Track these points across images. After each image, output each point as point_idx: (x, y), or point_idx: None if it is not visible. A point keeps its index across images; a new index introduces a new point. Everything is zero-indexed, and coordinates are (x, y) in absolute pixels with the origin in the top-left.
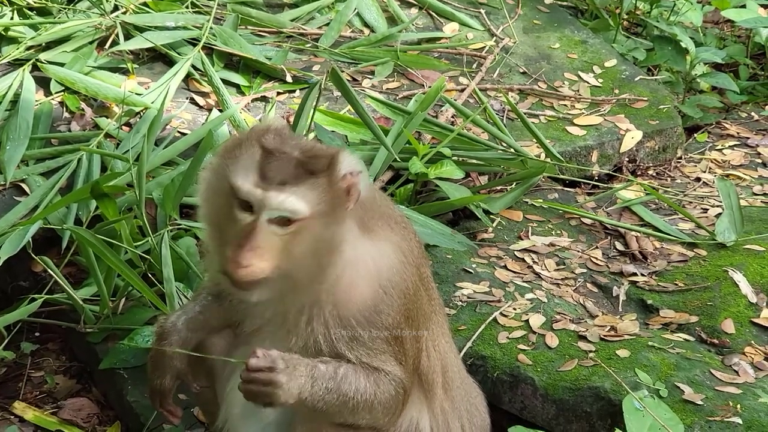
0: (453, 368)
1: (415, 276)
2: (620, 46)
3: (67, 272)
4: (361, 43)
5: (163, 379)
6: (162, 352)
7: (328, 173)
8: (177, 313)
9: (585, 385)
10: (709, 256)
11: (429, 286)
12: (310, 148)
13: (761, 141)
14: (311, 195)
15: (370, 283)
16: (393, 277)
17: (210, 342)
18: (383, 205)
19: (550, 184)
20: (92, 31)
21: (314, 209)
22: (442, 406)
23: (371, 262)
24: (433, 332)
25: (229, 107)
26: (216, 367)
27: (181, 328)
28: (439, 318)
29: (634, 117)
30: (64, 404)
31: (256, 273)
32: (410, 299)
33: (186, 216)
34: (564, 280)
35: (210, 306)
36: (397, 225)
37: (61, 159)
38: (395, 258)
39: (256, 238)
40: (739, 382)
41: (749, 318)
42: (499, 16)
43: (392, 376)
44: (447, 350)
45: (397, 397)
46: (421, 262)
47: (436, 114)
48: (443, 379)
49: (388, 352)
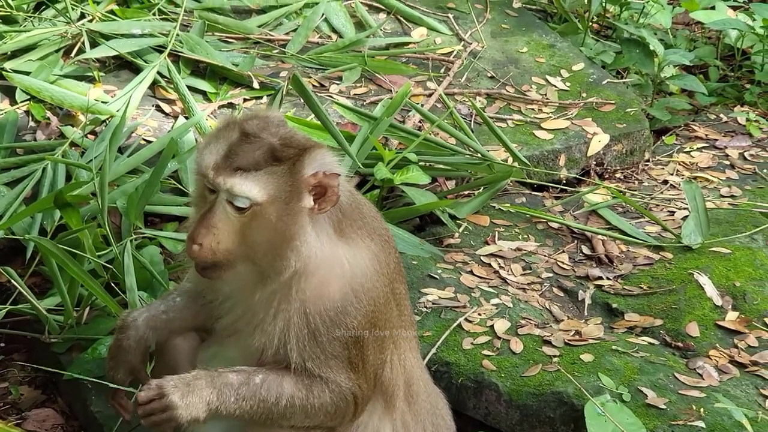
0: (419, 383)
1: (388, 288)
2: (588, 50)
3: (31, 282)
4: (329, 48)
5: (117, 372)
6: (119, 345)
7: (292, 163)
8: (141, 309)
9: (548, 391)
10: (675, 259)
11: (401, 303)
12: (289, 138)
13: (729, 143)
14: (270, 182)
15: (342, 284)
16: (365, 283)
17: (174, 344)
18: (369, 217)
19: (517, 188)
20: (58, 39)
21: (270, 196)
22: (404, 418)
23: (346, 264)
24: (399, 347)
25: (195, 114)
26: (179, 367)
27: (140, 325)
28: (408, 334)
29: (601, 120)
30: (29, 415)
31: (206, 254)
32: (379, 308)
33: (151, 225)
34: (530, 284)
35: (177, 306)
36: (379, 237)
37: (26, 168)
38: (370, 265)
39: (212, 218)
40: (703, 386)
41: (714, 321)
42: (467, 20)
43: (334, 384)
44: (414, 365)
45: (338, 404)
46: (396, 277)
47: (403, 119)
48: (406, 392)
49: (342, 357)
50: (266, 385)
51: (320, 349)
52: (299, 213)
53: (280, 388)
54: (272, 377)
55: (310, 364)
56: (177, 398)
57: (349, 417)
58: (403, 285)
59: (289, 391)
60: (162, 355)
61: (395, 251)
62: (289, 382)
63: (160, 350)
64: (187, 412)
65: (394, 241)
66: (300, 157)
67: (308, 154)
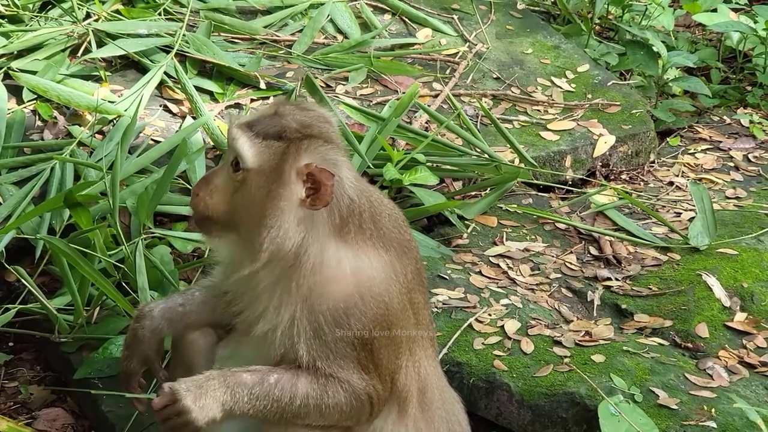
0: (433, 390)
1: (404, 295)
2: (593, 51)
3: (40, 282)
4: (335, 49)
5: (131, 361)
6: (134, 334)
7: (288, 144)
8: (158, 301)
9: (560, 391)
10: (682, 260)
11: (419, 312)
12: (307, 126)
13: (733, 144)
14: (264, 153)
15: (345, 286)
16: (373, 288)
17: (190, 339)
18: (386, 225)
19: (524, 189)
20: (64, 38)
21: (260, 167)
22: (417, 425)
23: (348, 268)
24: (415, 354)
25: (202, 114)
26: (195, 364)
27: (156, 315)
28: (425, 343)
29: (606, 122)
30: (39, 415)
31: (200, 204)
32: (391, 313)
33: (160, 224)
34: (539, 285)
35: (194, 300)
36: (396, 246)
37: (34, 168)
38: (382, 272)
39: (215, 173)
40: (713, 386)
41: (723, 322)
42: (472, 21)
43: (347, 384)
44: (429, 373)
45: (352, 403)
46: (414, 287)
47: (410, 120)
48: (420, 399)
49: (351, 357)
50: (280, 385)
51: (327, 349)
52: (283, 197)
53: (294, 388)
54: (287, 377)
55: (320, 363)
56: (190, 402)
57: (365, 417)
58: (422, 295)
59: (304, 390)
60: (178, 351)
61: (416, 261)
62: (303, 381)
63: (175, 346)
64: (203, 415)
65: (416, 251)
66: (300, 142)
67: (310, 143)
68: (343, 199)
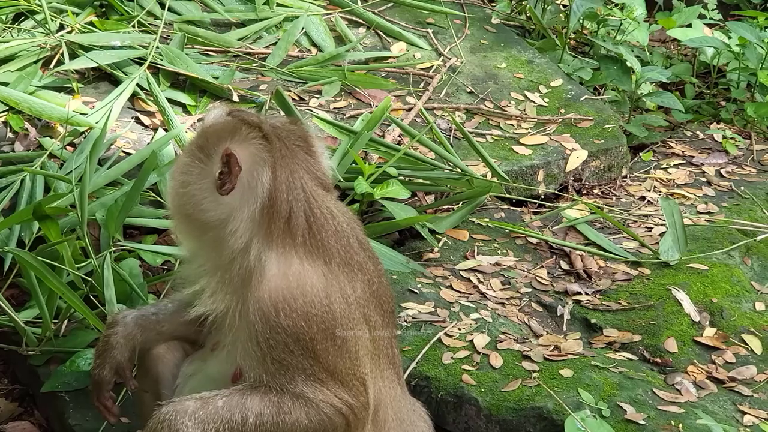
0: (386, 409)
1: (351, 306)
2: (566, 66)
3: (9, 294)
4: (309, 62)
5: (103, 369)
6: (106, 341)
7: (229, 130)
8: (131, 309)
9: (528, 405)
10: (652, 275)
11: (376, 335)
12: (257, 122)
13: (706, 160)
14: (213, 129)
15: (276, 286)
16: (307, 288)
17: (157, 353)
18: (335, 244)
19: (496, 203)
20: (37, 50)
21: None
22: None
23: (284, 271)
24: (372, 372)
25: (174, 127)
26: (161, 379)
27: (129, 322)
28: (381, 363)
29: (579, 136)
30: (6, 428)
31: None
32: (332, 315)
33: (130, 237)
34: (509, 299)
35: (167, 310)
36: (340, 265)
37: (4, 180)
38: (320, 278)
39: None
40: (681, 401)
41: (692, 337)
42: (446, 35)
43: (303, 399)
44: (385, 393)
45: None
46: (369, 306)
47: (382, 133)
48: (373, 418)
49: (295, 366)
50: (227, 406)
51: (269, 360)
52: (209, 175)
53: (243, 407)
54: (236, 397)
55: (267, 378)
56: None
57: (343, 428)
58: (379, 316)
59: (256, 409)
60: (145, 364)
61: (370, 283)
62: (255, 400)
63: (142, 358)
64: None
65: (373, 274)
66: (237, 131)
67: (246, 132)
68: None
